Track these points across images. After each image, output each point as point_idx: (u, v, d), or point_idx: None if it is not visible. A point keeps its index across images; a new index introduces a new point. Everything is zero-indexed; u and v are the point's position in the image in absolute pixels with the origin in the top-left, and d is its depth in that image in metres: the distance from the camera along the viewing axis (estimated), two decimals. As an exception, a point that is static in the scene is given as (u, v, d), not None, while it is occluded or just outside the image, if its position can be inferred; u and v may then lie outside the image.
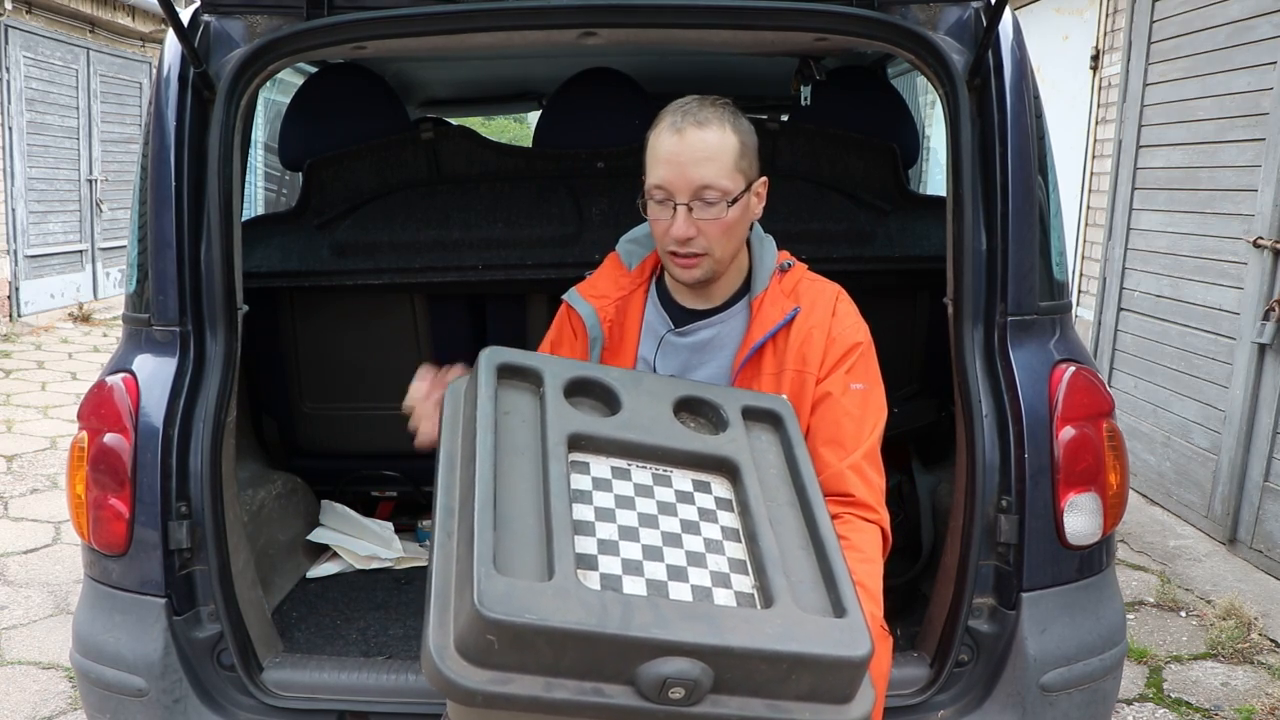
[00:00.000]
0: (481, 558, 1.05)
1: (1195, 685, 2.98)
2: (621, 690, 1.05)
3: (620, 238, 1.82)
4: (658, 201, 1.58)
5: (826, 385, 1.60)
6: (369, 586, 2.39)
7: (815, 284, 1.69)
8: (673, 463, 1.32)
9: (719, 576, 1.18)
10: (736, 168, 1.55)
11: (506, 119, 17.02)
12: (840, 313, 1.65)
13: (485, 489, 1.14)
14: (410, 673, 1.80)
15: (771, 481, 1.35)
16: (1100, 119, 5.47)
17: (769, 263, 1.69)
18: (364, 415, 2.75)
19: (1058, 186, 1.93)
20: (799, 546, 1.26)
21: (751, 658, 1.06)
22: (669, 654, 1.04)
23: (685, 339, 1.69)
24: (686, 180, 1.53)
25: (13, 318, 8.22)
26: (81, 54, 9.02)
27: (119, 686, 1.75)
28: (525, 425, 1.30)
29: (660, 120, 1.59)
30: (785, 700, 1.09)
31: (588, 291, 1.77)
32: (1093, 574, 1.81)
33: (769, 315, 1.63)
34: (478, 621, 1.01)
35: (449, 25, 1.75)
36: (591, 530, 1.18)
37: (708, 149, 1.53)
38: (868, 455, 1.59)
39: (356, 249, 2.53)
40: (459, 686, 1.02)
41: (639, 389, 1.39)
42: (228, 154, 1.80)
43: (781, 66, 3.09)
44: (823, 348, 1.61)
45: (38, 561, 3.74)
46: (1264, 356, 3.75)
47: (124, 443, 1.75)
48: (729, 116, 1.57)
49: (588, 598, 1.05)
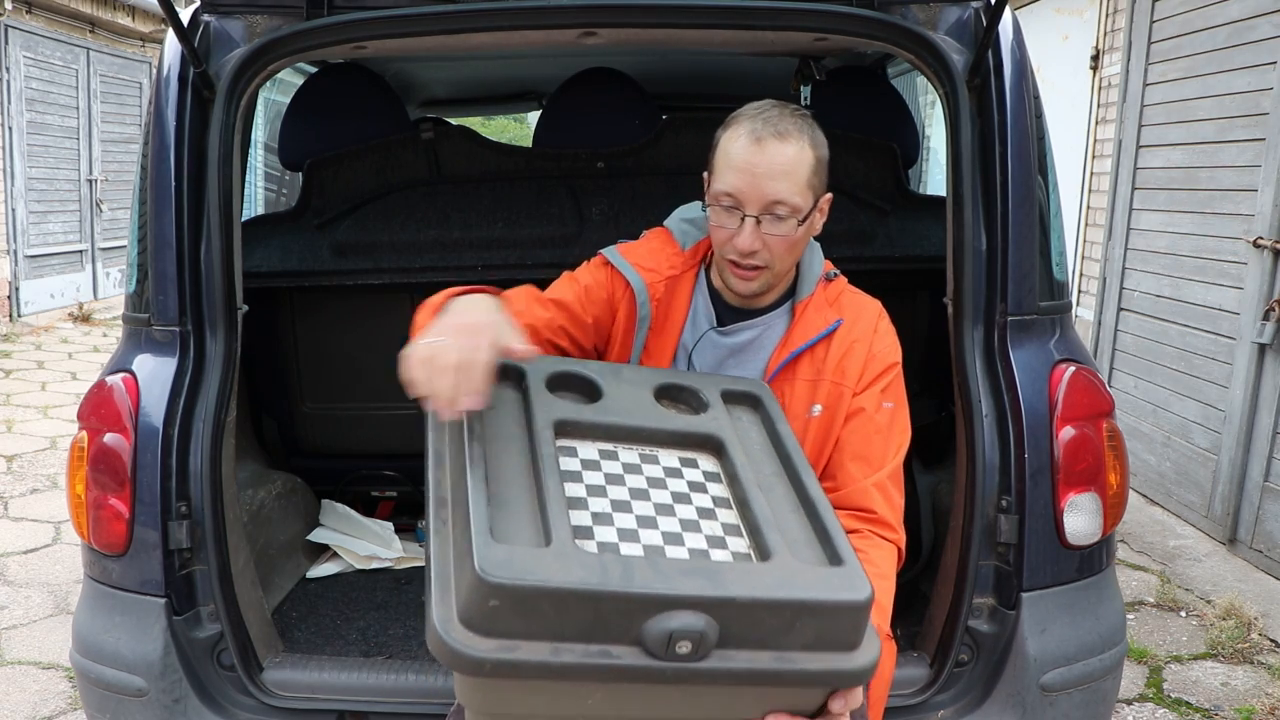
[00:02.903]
0: (479, 530, 1.06)
1: (1195, 685, 2.98)
2: (629, 650, 1.05)
3: (673, 214, 1.76)
4: (724, 208, 1.51)
5: (861, 400, 1.59)
6: (369, 586, 2.39)
7: (858, 298, 1.68)
8: (658, 443, 1.33)
9: (715, 539, 1.19)
10: (809, 184, 1.51)
11: (506, 119, 17.01)
12: (882, 330, 1.64)
13: (477, 471, 1.15)
14: (410, 673, 1.80)
15: (757, 455, 1.37)
16: (1100, 119, 5.47)
17: (817, 269, 1.66)
18: (364, 415, 2.75)
19: (1058, 186, 1.93)
20: (790, 510, 1.27)
21: (755, 607, 1.06)
22: (672, 608, 1.04)
23: (727, 338, 1.66)
24: (760, 193, 1.48)
25: (13, 318, 8.23)
26: (81, 54, 9.02)
27: (119, 686, 1.75)
28: (511, 417, 1.31)
29: (737, 123, 1.52)
30: (792, 651, 1.09)
31: (634, 259, 1.68)
32: (1093, 574, 1.81)
33: (812, 322, 1.62)
34: (480, 587, 1.01)
35: (449, 25, 1.75)
36: (584, 505, 1.19)
37: (786, 164, 1.47)
38: (892, 474, 1.58)
39: (356, 249, 2.53)
40: (466, 656, 1.02)
41: (619, 379, 1.41)
42: (228, 154, 1.80)
43: (781, 66, 3.09)
44: (862, 363, 1.60)
45: (38, 561, 3.74)
46: (1264, 356, 3.75)
47: (124, 443, 1.75)
48: (808, 130, 1.52)
49: (587, 559, 1.06)
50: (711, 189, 1.54)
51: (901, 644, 1.95)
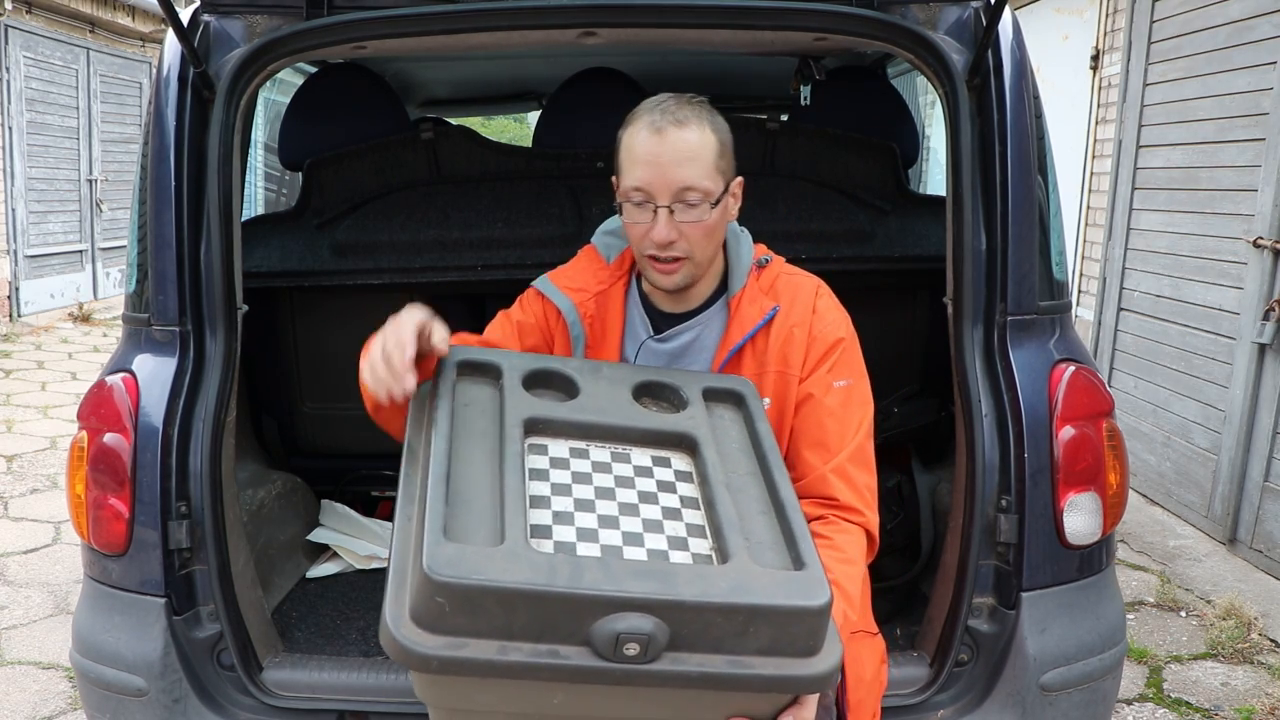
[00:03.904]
0: (431, 527, 1.06)
1: (1195, 685, 2.98)
2: (577, 650, 1.05)
3: (596, 230, 1.77)
4: (635, 204, 1.51)
5: (808, 386, 1.56)
6: (369, 586, 2.39)
7: (794, 278, 1.64)
8: (631, 441, 1.33)
9: (676, 541, 1.19)
10: (716, 168, 1.51)
11: (506, 119, 17.02)
12: (821, 309, 1.60)
13: (439, 468, 1.16)
14: (410, 672, 1.80)
15: (732, 454, 1.35)
16: (1100, 119, 5.47)
17: (746, 260, 1.64)
18: (364, 415, 2.74)
19: (1058, 186, 1.93)
20: (759, 511, 1.26)
21: (705, 610, 1.05)
22: (620, 609, 1.04)
23: (665, 345, 1.65)
24: (667, 182, 1.48)
25: (13, 318, 8.23)
26: (81, 54, 9.02)
27: (119, 686, 1.75)
28: (484, 415, 1.32)
29: (635, 119, 1.52)
30: (747, 655, 1.08)
31: (562, 283, 1.69)
32: (1093, 574, 1.81)
33: (747, 315, 1.59)
34: (427, 585, 1.01)
35: (449, 25, 1.75)
36: (547, 504, 1.19)
37: (689, 149, 1.48)
38: (854, 455, 1.55)
39: (356, 249, 2.53)
40: (414, 653, 1.03)
41: (598, 376, 1.41)
42: (228, 154, 1.80)
43: (781, 66, 3.09)
44: (804, 347, 1.57)
45: (38, 561, 3.74)
46: (1264, 356, 3.75)
47: (124, 442, 1.75)
48: (707, 115, 1.52)
49: (537, 559, 1.06)
50: (621, 188, 1.54)
51: (901, 644, 1.96)
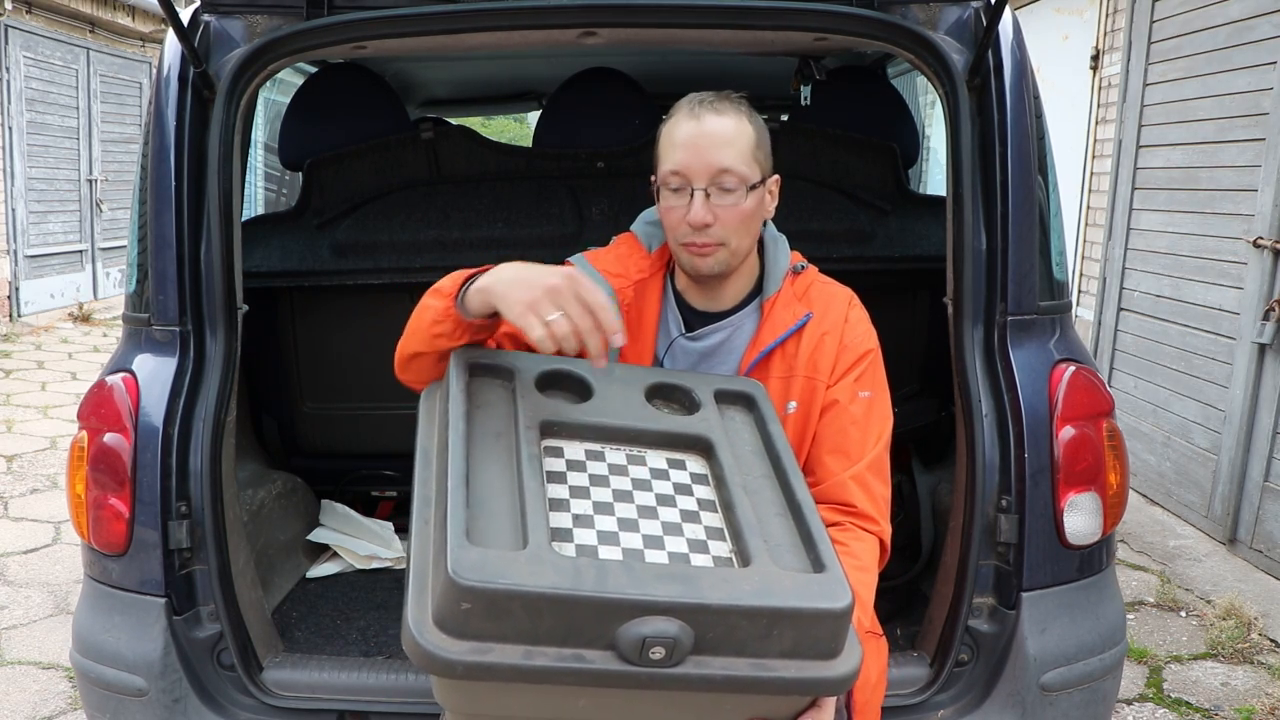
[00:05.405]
0: (454, 531, 1.05)
1: (1195, 685, 2.98)
2: (602, 655, 1.04)
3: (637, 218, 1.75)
4: (673, 189, 1.53)
5: (834, 393, 1.59)
6: (369, 586, 2.39)
7: (828, 288, 1.67)
8: (646, 443, 1.32)
9: (696, 544, 1.18)
10: (754, 156, 1.54)
11: (506, 119, 17.01)
12: (853, 319, 1.63)
13: (458, 471, 1.15)
14: (410, 672, 1.80)
15: (746, 457, 1.35)
16: (1100, 119, 5.47)
17: (783, 264, 1.66)
18: (364, 415, 2.75)
19: (1058, 186, 1.93)
20: (776, 514, 1.26)
21: (730, 614, 1.05)
22: (646, 613, 1.03)
23: (696, 343, 1.65)
24: (705, 164, 1.50)
25: (13, 318, 8.22)
26: (81, 54, 9.02)
27: (119, 686, 1.75)
28: (498, 416, 1.31)
29: (676, 110, 1.56)
30: (770, 658, 1.08)
31: (602, 267, 1.67)
32: (1093, 574, 1.81)
33: (780, 319, 1.61)
34: (452, 590, 1.01)
35: (449, 25, 1.75)
36: (566, 507, 1.18)
37: (726, 133, 1.51)
38: (872, 465, 1.57)
39: (356, 249, 2.53)
40: (438, 658, 1.02)
41: (610, 378, 1.40)
42: (228, 154, 1.80)
43: (781, 66, 3.09)
44: (834, 355, 1.60)
45: (38, 561, 3.74)
46: (1264, 356, 3.75)
47: (124, 442, 1.75)
48: (745, 109, 1.56)
49: (561, 563, 1.05)
50: (659, 174, 1.56)
51: (901, 644, 1.95)
